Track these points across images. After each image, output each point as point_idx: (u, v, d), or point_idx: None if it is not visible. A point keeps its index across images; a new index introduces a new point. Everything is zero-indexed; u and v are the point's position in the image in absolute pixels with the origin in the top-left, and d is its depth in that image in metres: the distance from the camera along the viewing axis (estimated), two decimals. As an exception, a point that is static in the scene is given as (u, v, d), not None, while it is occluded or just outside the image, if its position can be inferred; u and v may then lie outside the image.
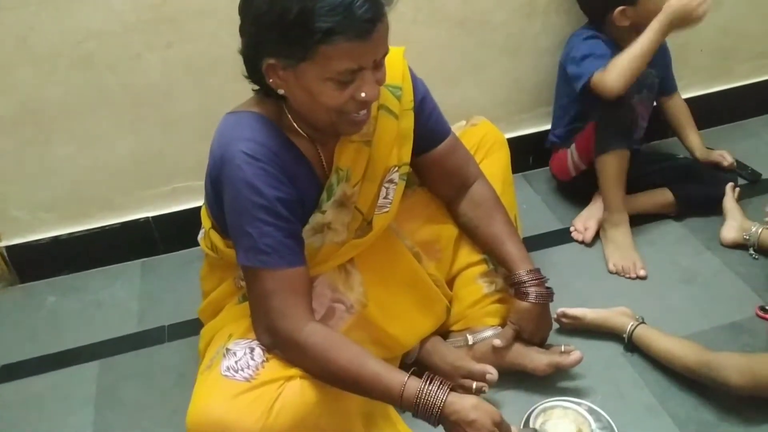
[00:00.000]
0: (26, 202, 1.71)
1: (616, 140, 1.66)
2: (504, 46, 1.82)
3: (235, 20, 1.51)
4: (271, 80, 1.06)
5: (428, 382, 1.09)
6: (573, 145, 1.78)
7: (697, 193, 1.79)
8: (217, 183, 1.12)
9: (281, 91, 1.07)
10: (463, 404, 1.08)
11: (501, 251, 1.36)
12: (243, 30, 1.07)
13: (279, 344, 1.12)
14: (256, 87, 1.14)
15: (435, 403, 1.07)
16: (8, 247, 1.75)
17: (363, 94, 1.05)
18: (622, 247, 1.68)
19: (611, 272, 1.65)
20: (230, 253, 1.18)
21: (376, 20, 0.99)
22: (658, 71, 1.77)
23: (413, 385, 1.08)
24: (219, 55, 1.59)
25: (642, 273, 1.63)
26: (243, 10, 1.06)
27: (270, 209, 1.08)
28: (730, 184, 1.78)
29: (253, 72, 1.10)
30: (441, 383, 1.09)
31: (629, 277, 1.63)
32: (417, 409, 1.08)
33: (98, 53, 1.54)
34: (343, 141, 1.19)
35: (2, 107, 1.56)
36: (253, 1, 1.01)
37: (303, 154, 1.17)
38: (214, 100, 1.64)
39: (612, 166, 1.67)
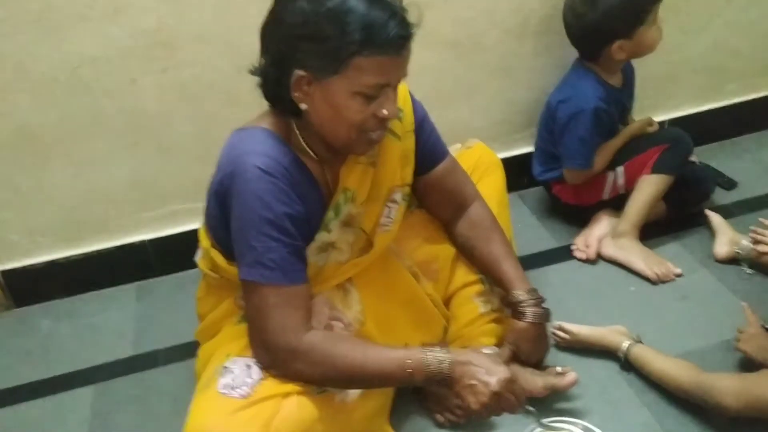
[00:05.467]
0: (23, 227, 1.71)
1: (677, 166, 1.72)
2: (497, 67, 1.84)
3: (230, 45, 1.56)
4: (296, 94, 1.07)
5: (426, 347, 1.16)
6: (621, 168, 1.76)
7: (685, 193, 1.80)
8: (224, 197, 1.12)
9: (304, 106, 1.08)
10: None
11: (498, 271, 1.36)
12: (269, 47, 1.08)
13: (279, 359, 1.12)
14: (265, 107, 1.15)
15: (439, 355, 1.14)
16: (4, 272, 1.74)
17: (385, 111, 1.07)
18: (647, 256, 1.70)
19: (654, 281, 1.65)
20: (232, 271, 1.17)
21: (407, 38, 1.03)
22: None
23: (413, 347, 1.18)
24: (213, 80, 1.61)
25: (678, 271, 1.66)
26: (271, 28, 1.07)
27: (278, 224, 1.08)
28: (707, 211, 1.80)
29: (277, 88, 1.10)
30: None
31: (670, 280, 1.65)
32: (426, 355, 1.13)
33: (94, 78, 1.55)
34: (349, 162, 1.20)
35: (-1, 132, 1.58)
36: (285, 16, 1.03)
37: (312, 173, 1.17)
38: (208, 123, 1.66)
39: (660, 186, 1.72)
